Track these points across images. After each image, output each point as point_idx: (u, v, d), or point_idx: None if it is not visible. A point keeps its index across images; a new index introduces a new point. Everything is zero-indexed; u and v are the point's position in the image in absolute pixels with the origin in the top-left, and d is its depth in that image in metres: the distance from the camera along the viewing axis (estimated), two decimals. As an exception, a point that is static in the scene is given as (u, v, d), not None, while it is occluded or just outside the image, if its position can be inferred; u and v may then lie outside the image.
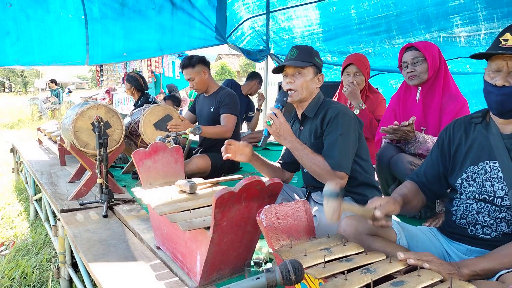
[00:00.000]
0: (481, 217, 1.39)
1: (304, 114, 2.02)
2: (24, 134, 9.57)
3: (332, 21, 4.32)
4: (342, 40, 4.37)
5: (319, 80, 1.99)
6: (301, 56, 1.94)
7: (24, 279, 2.65)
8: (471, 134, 1.47)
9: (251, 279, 0.95)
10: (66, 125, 2.74)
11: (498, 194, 1.36)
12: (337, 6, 4.12)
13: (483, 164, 1.41)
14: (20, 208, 4.23)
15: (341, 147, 1.84)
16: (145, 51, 4.80)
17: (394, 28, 3.77)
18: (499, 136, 1.37)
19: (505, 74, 1.29)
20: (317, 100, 2.00)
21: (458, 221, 1.46)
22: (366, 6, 3.85)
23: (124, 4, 4.20)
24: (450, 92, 2.24)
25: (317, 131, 1.95)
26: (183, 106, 8.77)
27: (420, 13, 3.50)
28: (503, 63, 1.29)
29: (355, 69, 2.98)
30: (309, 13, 4.51)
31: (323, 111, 1.94)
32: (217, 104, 3.36)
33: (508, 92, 1.29)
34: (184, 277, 1.64)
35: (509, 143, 1.36)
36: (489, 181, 1.39)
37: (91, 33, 4.14)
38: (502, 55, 1.28)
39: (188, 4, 4.62)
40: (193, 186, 1.84)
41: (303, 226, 1.34)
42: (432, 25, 3.46)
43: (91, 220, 2.35)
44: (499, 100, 1.31)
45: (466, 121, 1.51)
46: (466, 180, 1.45)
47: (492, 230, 1.38)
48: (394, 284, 1.02)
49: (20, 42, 3.80)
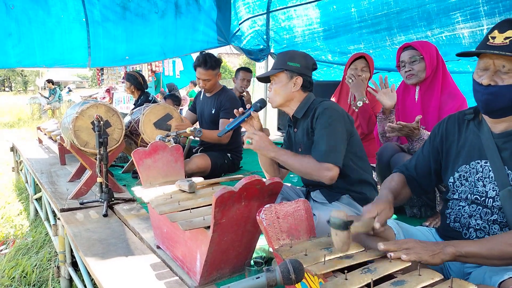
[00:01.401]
0: (474, 220, 1.38)
1: (294, 116, 2.02)
2: (24, 133, 9.58)
3: (333, 19, 4.31)
4: (343, 39, 4.36)
5: (295, 84, 1.95)
6: (275, 64, 2.01)
7: (24, 278, 2.65)
8: (464, 132, 1.45)
9: (251, 279, 0.95)
10: (66, 124, 2.74)
11: (489, 194, 1.34)
12: (337, 4, 4.11)
13: (474, 164, 1.39)
14: (20, 207, 4.23)
15: (328, 139, 1.82)
16: (148, 54, 4.80)
17: (395, 25, 3.75)
18: (490, 135, 1.35)
19: (491, 73, 1.25)
20: (306, 102, 1.99)
21: (452, 225, 1.45)
22: (367, 4, 3.83)
23: (126, 8, 4.20)
24: (449, 90, 2.24)
25: (309, 130, 1.95)
26: (183, 105, 8.77)
27: (421, 10, 3.47)
28: (490, 62, 1.26)
29: (363, 64, 2.88)
30: (309, 12, 4.50)
31: (312, 111, 1.94)
32: (218, 106, 3.36)
33: (493, 92, 1.25)
34: (184, 276, 1.64)
35: (500, 143, 1.33)
36: (480, 181, 1.37)
37: (92, 36, 4.15)
38: (489, 54, 1.25)
39: (195, 7, 4.61)
40: (192, 186, 1.84)
41: (303, 225, 1.33)
42: (433, 22, 3.43)
43: (91, 219, 2.34)
44: (484, 99, 1.28)
45: (460, 117, 1.49)
46: (459, 179, 1.43)
47: (485, 233, 1.36)
48: (394, 284, 1.02)
49: (21, 44, 3.82)
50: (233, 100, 3.38)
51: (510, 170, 1.30)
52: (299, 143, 2.05)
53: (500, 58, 1.23)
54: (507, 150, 1.31)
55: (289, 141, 2.17)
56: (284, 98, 1.98)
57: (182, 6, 4.55)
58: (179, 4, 4.51)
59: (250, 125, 2.02)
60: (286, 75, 1.95)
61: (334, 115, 1.87)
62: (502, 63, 1.23)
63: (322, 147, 1.81)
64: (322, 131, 1.84)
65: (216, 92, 3.43)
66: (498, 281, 1.12)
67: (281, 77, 1.96)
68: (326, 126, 1.84)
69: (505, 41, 1.21)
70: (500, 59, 1.23)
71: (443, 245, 1.17)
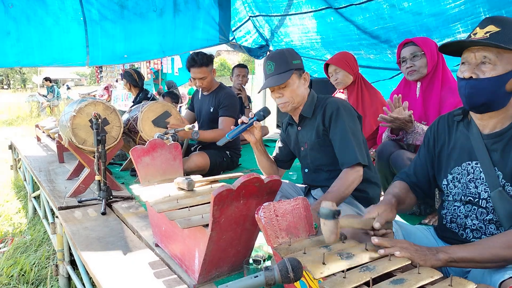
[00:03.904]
0: (470, 220, 1.37)
1: (302, 115, 2.00)
2: (22, 131, 9.56)
3: (330, 30, 4.18)
4: (342, 46, 4.26)
5: (305, 80, 1.95)
6: (278, 68, 1.87)
7: (23, 277, 2.64)
8: (454, 134, 1.44)
9: (249, 277, 0.95)
10: (64, 122, 2.73)
11: (482, 195, 1.34)
12: (334, 17, 4.01)
13: (465, 165, 1.38)
14: (18, 205, 4.22)
15: (355, 140, 1.84)
16: (147, 53, 4.78)
17: (394, 37, 3.68)
18: (479, 136, 1.34)
19: (473, 66, 1.25)
20: (312, 99, 1.99)
21: (448, 225, 1.44)
22: (361, 19, 3.75)
23: (124, 7, 4.17)
24: (448, 86, 2.24)
25: (319, 129, 1.93)
26: (182, 103, 8.76)
27: (418, 24, 3.39)
28: (471, 55, 1.25)
29: (333, 68, 2.94)
30: (305, 22, 4.37)
31: (321, 108, 1.93)
32: (216, 104, 3.34)
33: (474, 85, 1.24)
34: (183, 275, 1.63)
35: (489, 144, 1.32)
36: (472, 183, 1.36)
37: (90, 35, 4.13)
38: (470, 48, 1.25)
39: (194, 5, 4.58)
40: (190, 183, 1.83)
41: (302, 223, 1.33)
42: (432, 34, 3.33)
43: (89, 218, 2.34)
44: (467, 93, 1.27)
45: (449, 119, 1.48)
46: (452, 181, 1.42)
47: (481, 233, 1.35)
48: (393, 282, 1.01)
49: (20, 43, 3.80)
50: (231, 97, 3.37)
51: (500, 171, 1.29)
52: (304, 142, 2.03)
53: (480, 50, 1.23)
54: (496, 151, 1.30)
55: (289, 139, 2.16)
56: (301, 97, 1.95)
57: (181, 4, 4.51)
58: (178, 2, 4.48)
59: (250, 134, 1.99)
60: (296, 75, 1.90)
61: (350, 113, 1.89)
62: (483, 54, 1.23)
63: (353, 148, 1.82)
64: (347, 131, 1.84)
65: (214, 90, 3.41)
66: (499, 280, 1.12)
67: (292, 79, 1.89)
68: (349, 125, 1.85)
69: (486, 35, 1.22)
70: (480, 51, 1.23)
71: (435, 250, 1.16)
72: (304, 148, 2.04)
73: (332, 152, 1.91)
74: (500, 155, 1.29)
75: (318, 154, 1.99)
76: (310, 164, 2.06)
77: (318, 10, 4.06)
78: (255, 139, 2.00)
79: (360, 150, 1.84)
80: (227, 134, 1.93)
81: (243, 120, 1.94)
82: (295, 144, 2.11)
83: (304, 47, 4.79)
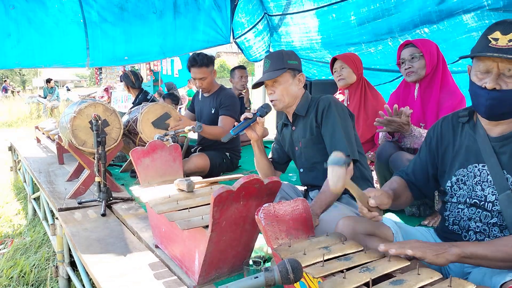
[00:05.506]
0: (473, 222, 1.36)
1: (296, 114, 2.02)
2: (22, 132, 9.55)
3: (331, 28, 4.20)
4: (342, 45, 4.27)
5: (300, 81, 1.97)
6: (273, 66, 1.93)
7: (23, 278, 2.64)
8: (459, 135, 1.42)
9: (249, 278, 0.95)
10: (64, 124, 2.73)
11: (489, 198, 1.32)
12: (336, 13, 4.01)
13: (472, 167, 1.37)
14: (18, 206, 4.22)
15: (346, 134, 1.85)
16: (147, 54, 4.78)
17: (396, 30, 3.70)
18: (486, 138, 1.32)
19: (495, 76, 1.19)
20: (306, 99, 2.01)
21: (451, 227, 1.44)
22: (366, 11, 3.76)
23: (124, 9, 4.18)
24: (447, 88, 2.24)
25: (313, 126, 1.95)
26: (181, 105, 8.77)
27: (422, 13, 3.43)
28: (493, 64, 1.19)
29: (339, 63, 2.93)
30: (307, 21, 4.39)
31: (314, 106, 1.95)
32: (217, 105, 3.34)
33: (498, 97, 1.20)
34: (183, 276, 1.63)
35: (497, 146, 1.30)
36: (479, 185, 1.34)
37: (91, 37, 4.14)
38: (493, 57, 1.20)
39: (194, 7, 4.58)
40: (190, 185, 1.84)
41: (302, 224, 1.33)
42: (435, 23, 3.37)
43: (89, 219, 2.34)
44: (489, 104, 1.23)
45: (454, 119, 1.45)
46: (456, 183, 1.41)
47: (485, 235, 1.34)
48: (393, 283, 1.01)
49: (21, 45, 3.81)
50: (233, 98, 3.37)
51: (509, 174, 1.27)
52: (298, 141, 2.04)
53: (504, 62, 1.17)
54: (505, 154, 1.29)
55: (284, 141, 2.17)
56: (292, 97, 1.97)
57: (181, 6, 4.52)
58: (178, 4, 4.49)
59: (252, 131, 2.00)
60: (289, 74, 1.94)
61: (342, 109, 1.91)
62: (507, 66, 1.18)
63: (344, 142, 1.83)
64: (338, 126, 1.85)
65: (215, 92, 3.42)
66: (500, 283, 1.11)
67: (285, 77, 1.93)
68: (340, 120, 1.86)
69: (510, 44, 1.16)
70: (504, 62, 1.18)
71: (447, 245, 1.15)
72: (298, 148, 2.05)
73: (325, 149, 1.92)
74: (509, 158, 1.28)
75: (312, 152, 1.99)
76: (305, 163, 2.06)
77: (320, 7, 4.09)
78: (257, 136, 2.01)
79: (351, 144, 1.85)
80: (232, 130, 1.96)
81: (247, 115, 1.96)
82: (289, 144, 2.12)
83: (304, 48, 4.81)
